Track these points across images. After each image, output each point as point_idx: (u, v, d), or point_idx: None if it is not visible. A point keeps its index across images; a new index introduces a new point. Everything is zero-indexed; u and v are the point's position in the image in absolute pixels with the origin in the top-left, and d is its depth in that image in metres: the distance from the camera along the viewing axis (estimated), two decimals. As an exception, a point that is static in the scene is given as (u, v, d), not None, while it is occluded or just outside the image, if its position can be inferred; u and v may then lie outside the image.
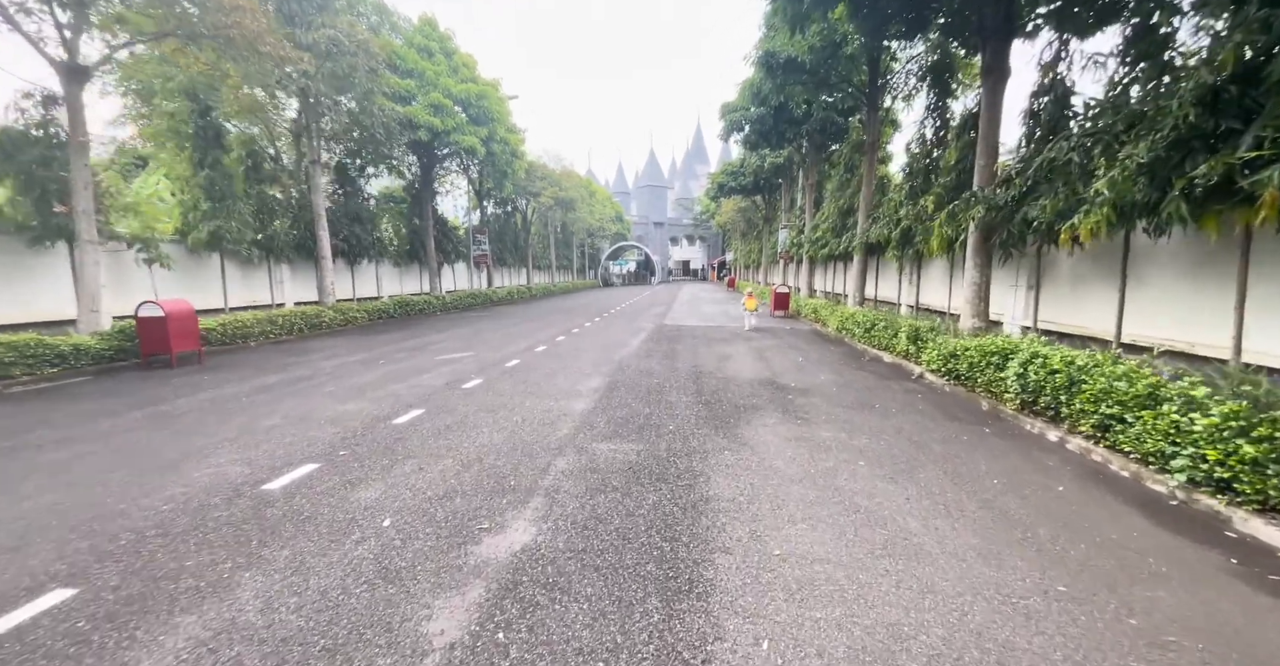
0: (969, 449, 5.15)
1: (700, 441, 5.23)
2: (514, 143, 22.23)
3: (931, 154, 12.19)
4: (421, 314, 20.26)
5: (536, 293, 35.06)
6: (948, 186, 9.65)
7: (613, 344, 12.27)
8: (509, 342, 12.47)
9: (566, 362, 9.69)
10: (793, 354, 10.99)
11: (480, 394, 7.18)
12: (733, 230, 49.80)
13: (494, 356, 10.40)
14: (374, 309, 17.40)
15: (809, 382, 8.12)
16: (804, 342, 12.78)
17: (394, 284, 22.63)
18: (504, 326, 16.31)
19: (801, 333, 14.97)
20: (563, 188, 33.71)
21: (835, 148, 22.10)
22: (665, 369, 9.12)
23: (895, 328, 10.39)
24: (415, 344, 12.31)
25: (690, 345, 12.12)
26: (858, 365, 9.75)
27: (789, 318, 19.63)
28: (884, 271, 16.43)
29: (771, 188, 33.91)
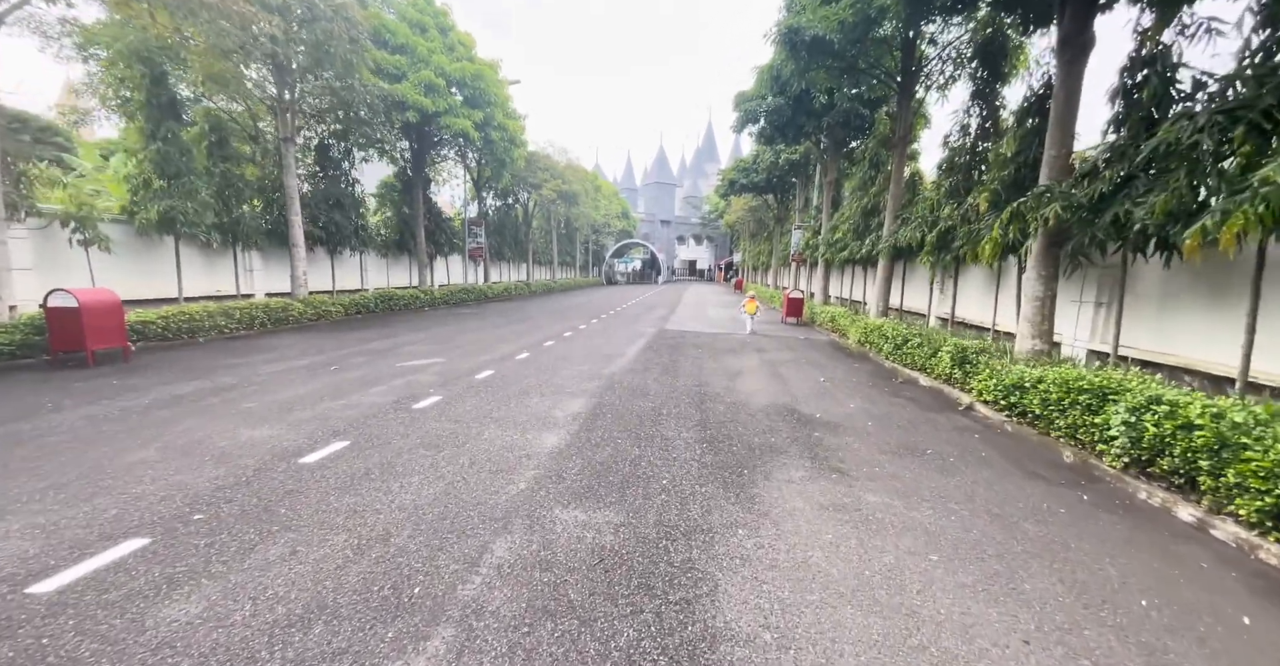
0: (1076, 533, 3.70)
1: (703, 509, 3.80)
2: (513, 129, 20.83)
3: (976, 147, 10.69)
4: (406, 309, 18.90)
5: (536, 289, 33.70)
6: (1005, 182, 8.17)
7: (606, 353, 10.85)
8: (490, 347, 11.07)
9: (548, 376, 8.27)
10: (812, 371, 9.54)
11: (430, 419, 5.77)
12: (741, 230, 48.26)
13: (466, 364, 9.00)
14: (352, 302, 16.04)
15: (838, 413, 6.67)
16: (823, 357, 11.32)
17: (380, 276, 21.29)
18: (491, 326, 14.92)
19: (818, 344, 13.50)
20: (566, 180, 32.29)
21: (857, 144, 20.63)
22: (663, 388, 7.69)
23: (934, 345, 8.92)
24: (383, 345, 10.93)
25: (694, 357, 10.69)
26: (890, 389, 8.29)
27: (802, 325, 18.16)
28: (912, 279, 14.93)
29: (785, 186, 32.39)
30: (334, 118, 16.44)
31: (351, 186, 18.28)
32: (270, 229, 14.83)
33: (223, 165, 12.98)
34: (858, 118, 17.96)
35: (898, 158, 13.66)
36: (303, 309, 13.72)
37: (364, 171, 19.28)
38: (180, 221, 11.48)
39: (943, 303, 13.10)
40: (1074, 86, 7.01)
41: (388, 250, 21.29)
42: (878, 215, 15.70)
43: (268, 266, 15.61)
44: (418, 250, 21.12)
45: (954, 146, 11.42)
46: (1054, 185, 6.68)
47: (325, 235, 16.22)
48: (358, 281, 19.81)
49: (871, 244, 15.06)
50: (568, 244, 49.06)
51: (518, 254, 34.89)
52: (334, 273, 18.01)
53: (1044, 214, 6.49)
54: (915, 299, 14.69)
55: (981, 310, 11.10)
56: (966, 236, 9.78)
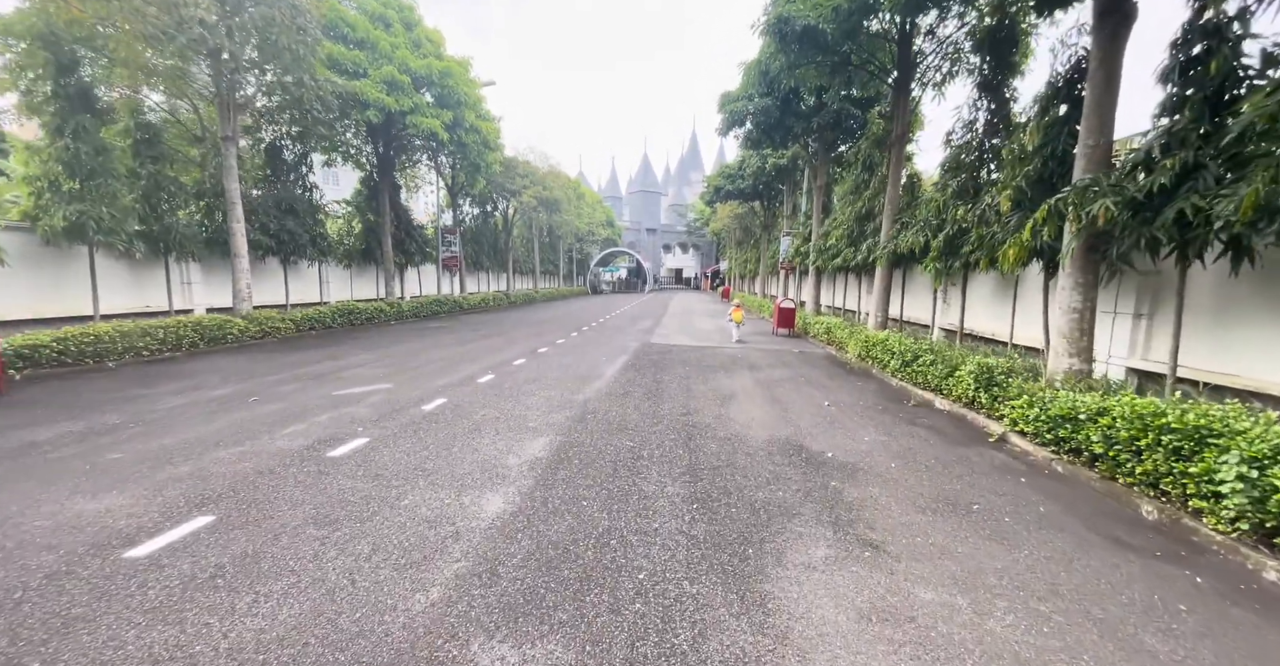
0: (1216, 649, 2.59)
1: (695, 629, 2.61)
2: (486, 131, 19.68)
3: (985, 144, 9.81)
4: (370, 323, 17.49)
5: (516, 300, 32.38)
6: (1030, 178, 7.21)
7: (583, 373, 9.64)
8: (451, 368, 9.79)
9: (511, 405, 7.04)
10: (813, 393, 8.44)
11: (342, 474, 4.50)
12: (728, 238, 47.58)
13: (416, 391, 7.72)
14: (307, 317, 14.61)
15: (852, 450, 5.55)
16: (822, 375, 10.24)
17: (343, 288, 19.85)
18: (458, 342, 13.61)
19: (814, 359, 12.45)
20: (546, 186, 31.18)
21: (848, 147, 19.90)
22: (645, 419, 6.50)
23: (950, 363, 7.89)
24: (326, 368, 9.58)
25: (681, 376, 9.53)
26: (905, 415, 7.20)
27: (794, 336, 17.15)
28: (912, 287, 14.01)
29: (772, 193, 31.69)
30: (290, 117, 15.17)
31: (309, 192, 16.92)
32: (211, 237, 13.41)
33: (152, 166, 11.58)
34: (849, 119, 17.19)
35: (895, 157, 12.78)
36: (245, 326, 12.29)
37: (338, 178, 17.83)
38: (94, 228, 10.05)
39: (947, 313, 12.17)
40: (1114, 65, 6.08)
41: (352, 260, 19.88)
42: (873, 220, 14.83)
43: (210, 279, 14.15)
44: (384, 260, 19.74)
45: (959, 144, 10.54)
46: (1100, 178, 5.70)
47: (276, 244, 14.80)
48: (317, 294, 18.34)
49: (868, 250, 14.15)
50: (550, 253, 47.84)
51: (497, 263, 33.57)
52: (287, 285, 16.54)
53: (1090, 211, 5.49)
54: (916, 308, 13.76)
55: (994, 321, 10.15)
56: (979, 240, 8.83)
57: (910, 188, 13.34)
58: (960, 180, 9.93)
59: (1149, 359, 6.95)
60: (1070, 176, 6.82)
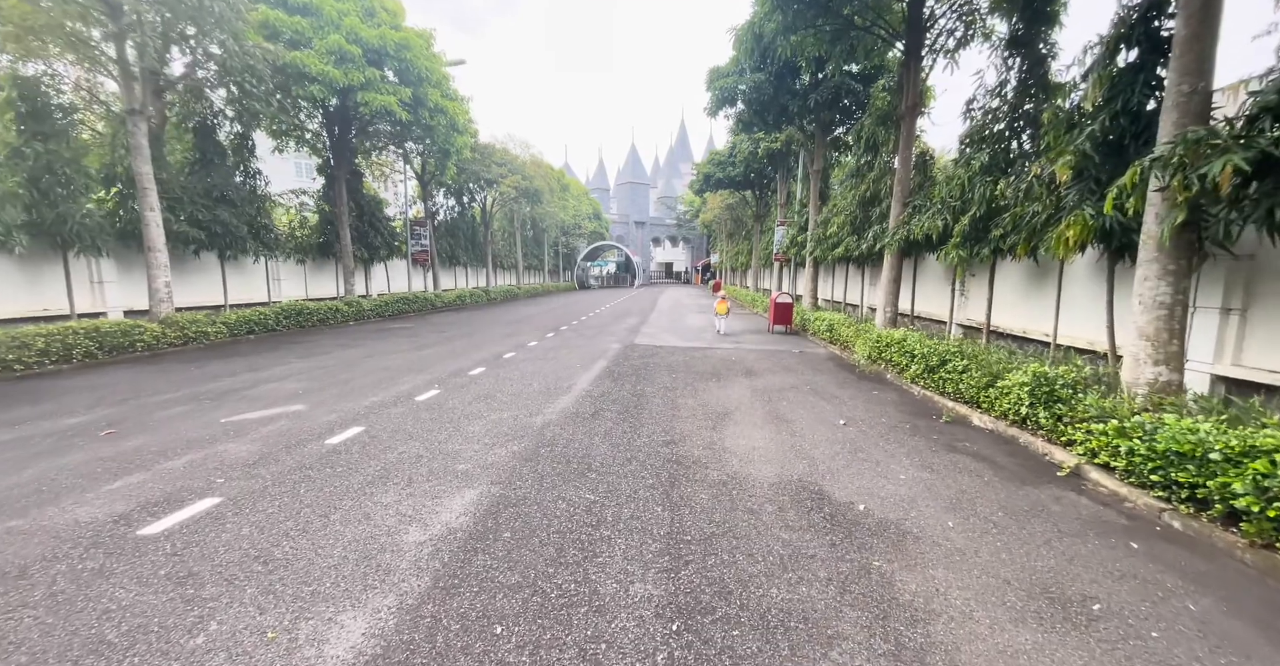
0: None
1: None
2: (454, 112, 17.94)
3: (1018, 109, 8.38)
4: (323, 325, 15.78)
5: (496, 296, 30.68)
6: (1096, 139, 5.79)
7: (549, 385, 8.13)
8: (389, 380, 8.22)
9: (442, 436, 5.51)
10: (823, 406, 7.01)
11: (132, 576, 2.96)
12: (719, 230, 46.10)
13: (328, 416, 6.16)
14: (245, 320, 12.90)
15: (890, 497, 4.11)
16: (830, 381, 8.82)
17: (296, 286, 18.07)
18: (415, 346, 12.01)
19: (817, 360, 11.03)
20: (526, 176, 29.41)
21: (846, 129, 18.47)
22: (616, 453, 5.01)
23: (989, 370, 6.49)
24: (236, 383, 7.96)
25: (666, 386, 8.05)
26: (942, 439, 5.79)
27: (792, 334, 15.75)
28: (925, 278, 12.62)
29: (764, 181, 30.23)
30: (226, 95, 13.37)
31: (253, 179, 15.13)
32: (126, 229, 11.65)
33: (40, 145, 9.80)
34: (849, 95, 15.72)
35: (905, 131, 11.34)
36: (160, 331, 10.59)
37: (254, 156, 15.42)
38: (-48, 217, 8.31)
39: (966, 307, 10.81)
40: (1220, -15, 4.65)
41: (307, 256, 18.10)
42: (879, 204, 13.43)
43: (130, 277, 12.38)
44: (342, 254, 17.98)
45: (983, 112, 9.11)
46: (1219, 129, 4.27)
47: (208, 237, 13.04)
48: (264, 293, 16.57)
49: (874, 237, 12.75)
50: (535, 247, 46.05)
51: (475, 258, 31.80)
52: (226, 283, 14.77)
53: (1208, 173, 4.06)
54: (930, 302, 12.39)
55: (1029, 317, 8.77)
56: (1014, 221, 7.43)
57: (922, 166, 11.92)
58: (991, 152, 8.51)
59: (1243, 364, 5.58)
60: (1149, 136, 5.41)
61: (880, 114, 13.32)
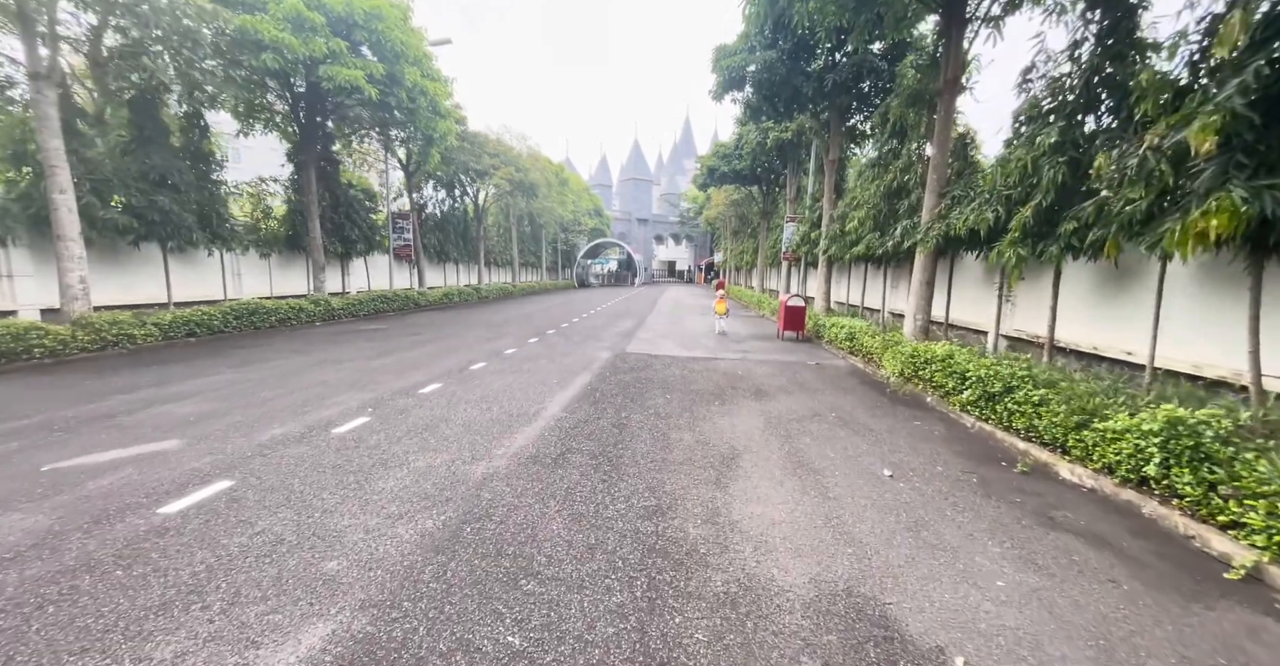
0: None
1: None
2: (435, 93, 16.38)
3: (1100, 71, 6.76)
4: (284, 325, 14.25)
5: (488, 294, 29.14)
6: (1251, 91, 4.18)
7: (513, 409, 6.57)
8: (317, 400, 6.67)
9: (333, 500, 3.96)
10: (858, 446, 5.43)
11: None
12: (723, 227, 44.46)
13: (198, 462, 4.60)
14: (182, 321, 11.36)
15: (993, 629, 2.53)
16: (857, 404, 7.23)
17: (260, 282, 16.55)
18: (373, 354, 10.47)
19: (838, 375, 9.44)
20: (521, 168, 27.84)
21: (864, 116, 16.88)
22: (578, 533, 3.45)
23: (1081, 405, 4.90)
24: (120, 404, 6.41)
25: (657, 413, 6.48)
26: (1029, 505, 4.20)
27: (804, 341, 14.17)
28: (962, 281, 11.00)
29: (772, 176, 28.60)
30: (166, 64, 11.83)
31: (206, 162, 13.61)
32: (41, 215, 10.13)
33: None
34: (872, 74, 14.09)
35: (943, 110, 9.75)
36: (70, 334, 9.06)
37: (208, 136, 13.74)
38: None
39: (1013, 315, 9.20)
40: None
41: (273, 249, 16.57)
42: (906, 196, 11.82)
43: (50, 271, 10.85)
44: (312, 248, 16.45)
45: (1049, 80, 7.48)
46: None
47: (144, 226, 11.51)
48: (220, 289, 15.05)
49: (902, 234, 11.13)
50: (532, 243, 44.52)
51: (467, 254, 30.26)
52: (169, 278, 13.24)
53: None
54: (967, 308, 10.78)
55: (1104, 331, 7.16)
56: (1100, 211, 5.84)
57: (962, 151, 10.30)
58: (1061, 128, 6.89)
59: None
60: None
61: (910, 93, 11.64)
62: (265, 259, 16.50)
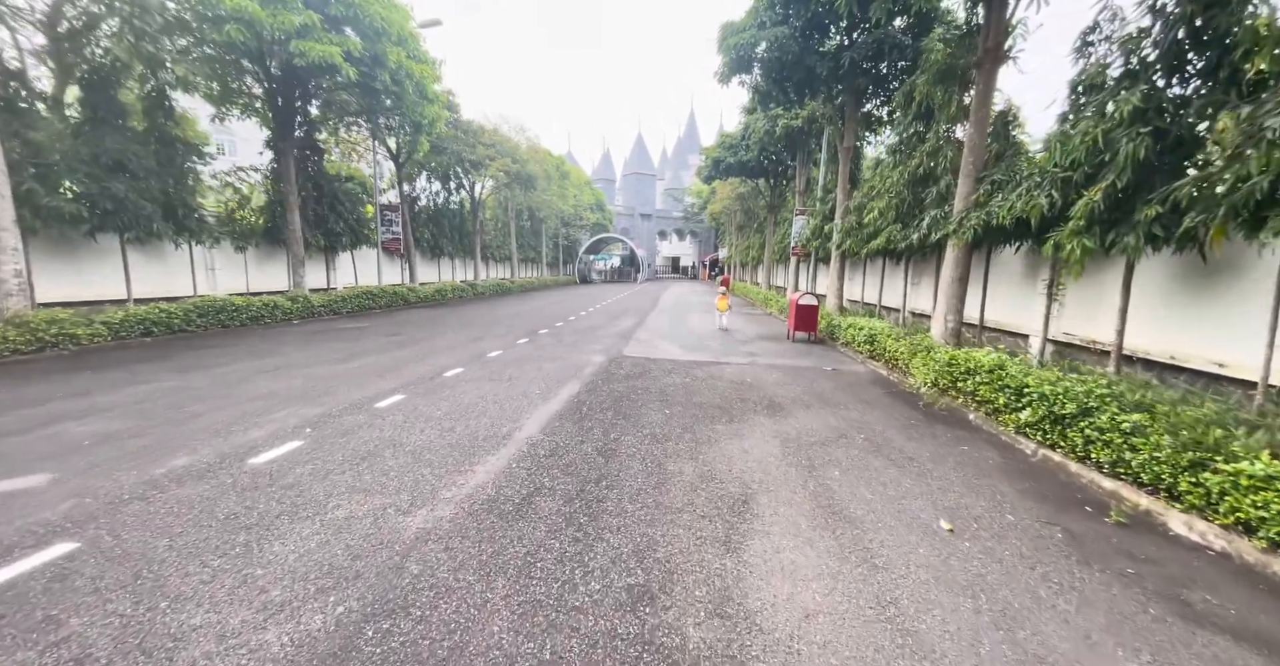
0: None
1: None
2: (421, 76, 15.30)
3: (1194, 20, 5.60)
4: (256, 324, 13.25)
5: (484, 290, 28.11)
6: None
7: (480, 430, 5.52)
8: (250, 418, 5.64)
9: (196, 581, 2.92)
10: (904, 486, 4.34)
11: None
12: (728, 222, 43.25)
13: (50, 512, 3.57)
14: (134, 320, 10.37)
15: None
16: (888, 422, 6.13)
17: (235, 277, 15.57)
18: (338, 358, 9.45)
19: (858, 384, 8.33)
20: (518, 159, 26.73)
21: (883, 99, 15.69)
22: (526, 641, 2.40)
23: (1194, 437, 3.80)
24: (13, 422, 5.41)
25: (653, 434, 5.40)
26: (1158, 584, 3.11)
27: (816, 342, 13.06)
28: (999, 277, 9.84)
29: (779, 168, 27.37)
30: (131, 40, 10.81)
31: (173, 148, 12.59)
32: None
33: None
34: (894, 50, 12.88)
35: (982, 84, 8.60)
36: (2, 334, 8.08)
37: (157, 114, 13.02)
38: None
39: (1061, 316, 8.06)
40: None
41: (249, 242, 15.58)
42: (935, 183, 10.64)
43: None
44: (291, 241, 15.42)
45: (1120, 41, 6.31)
46: None
47: (96, 215, 10.51)
48: (189, 285, 14.07)
49: (930, 225, 9.97)
50: (532, 238, 43.44)
51: (461, 248, 29.22)
52: (128, 272, 12.25)
53: None
54: (1004, 308, 9.63)
55: (1187, 337, 6.02)
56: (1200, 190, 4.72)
57: (1003, 130, 9.13)
58: (1142, 94, 5.72)
59: None
60: None
61: (938, 69, 10.44)
62: (241, 253, 15.50)
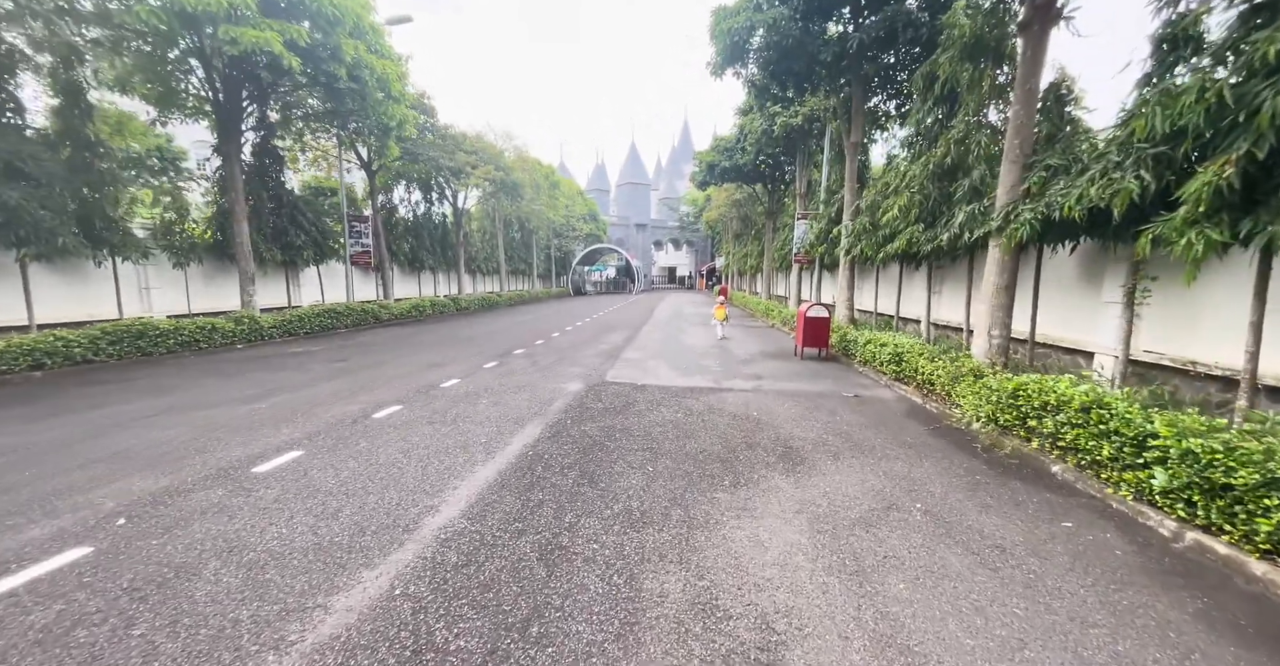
0: None
1: None
2: (384, 72, 13.87)
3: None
4: (187, 350, 11.59)
5: (468, 305, 26.52)
6: None
7: (378, 513, 3.87)
8: (52, 501, 3.99)
9: None
10: (1015, 616, 2.69)
11: None
12: (724, 230, 41.90)
13: None
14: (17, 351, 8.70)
15: None
16: (956, 488, 4.47)
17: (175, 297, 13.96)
18: (252, 394, 7.81)
19: (888, 415, 6.67)
20: (501, 166, 25.34)
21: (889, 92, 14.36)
22: None
23: None
24: None
25: (624, 514, 3.74)
26: None
27: (829, 360, 11.43)
28: (1052, 284, 8.21)
29: (776, 173, 26.03)
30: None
31: (88, 150, 11.07)
32: None
33: None
34: (909, 28, 11.45)
35: (1030, 52, 7.16)
36: None
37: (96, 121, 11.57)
38: None
39: (1140, 332, 6.46)
40: None
41: (191, 257, 13.99)
42: (966, 175, 9.11)
43: None
44: (239, 255, 13.84)
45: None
46: None
47: (-18, 227, 8.93)
48: (114, 307, 12.44)
49: (965, 223, 8.40)
50: (523, 250, 42.02)
51: (445, 261, 27.70)
52: (28, 293, 10.59)
53: None
54: (1060, 321, 8.03)
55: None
56: None
57: (1056, 105, 7.61)
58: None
59: None
60: None
61: (966, 43, 8.95)
62: (181, 269, 13.91)
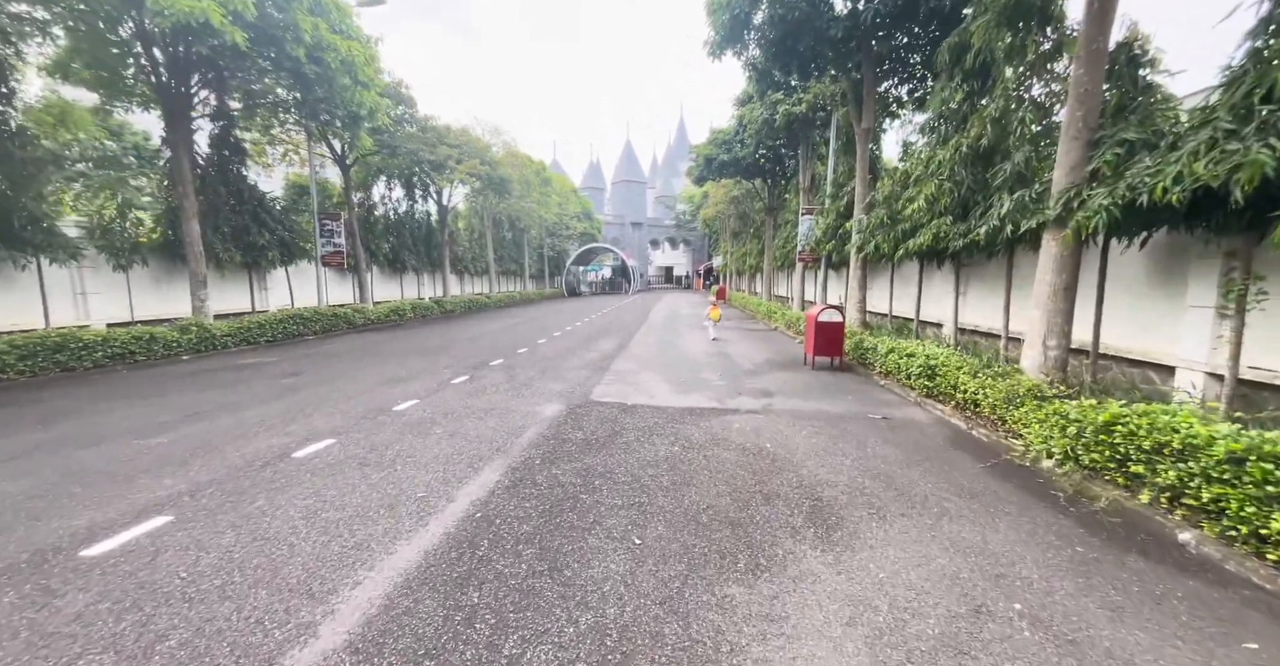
0: None
1: None
2: (351, 55, 12.57)
3: None
4: (121, 362, 10.26)
5: (454, 308, 25.20)
6: None
7: (233, 631, 2.58)
8: None
9: None
10: None
11: None
12: (722, 228, 40.68)
13: None
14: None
15: None
16: (1049, 563, 3.21)
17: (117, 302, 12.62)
18: (160, 423, 6.51)
19: (931, 449, 5.42)
20: (487, 161, 24.03)
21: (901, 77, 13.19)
22: None
23: None
24: None
25: (593, 628, 2.48)
26: None
27: (843, 370, 10.18)
28: (1122, 286, 6.92)
29: (777, 168, 24.80)
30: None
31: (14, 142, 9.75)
32: None
33: None
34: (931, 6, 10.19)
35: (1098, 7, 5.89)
36: None
37: None
38: None
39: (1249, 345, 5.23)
40: None
41: (132, 259, 12.66)
42: (1008, 158, 7.86)
43: None
44: (189, 257, 12.51)
45: None
46: None
47: None
48: (40, 316, 11.10)
49: (1010, 213, 7.15)
50: (514, 249, 40.69)
51: (429, 262, 26.37)
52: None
53: None
54: (1128, 328, 6.79)
55: None
56: None
57: (1127, 70, 6.35)
58: None
59: None
60: None
61: (1006, 5, 7.67)
62: (123, 272, 12.57)
